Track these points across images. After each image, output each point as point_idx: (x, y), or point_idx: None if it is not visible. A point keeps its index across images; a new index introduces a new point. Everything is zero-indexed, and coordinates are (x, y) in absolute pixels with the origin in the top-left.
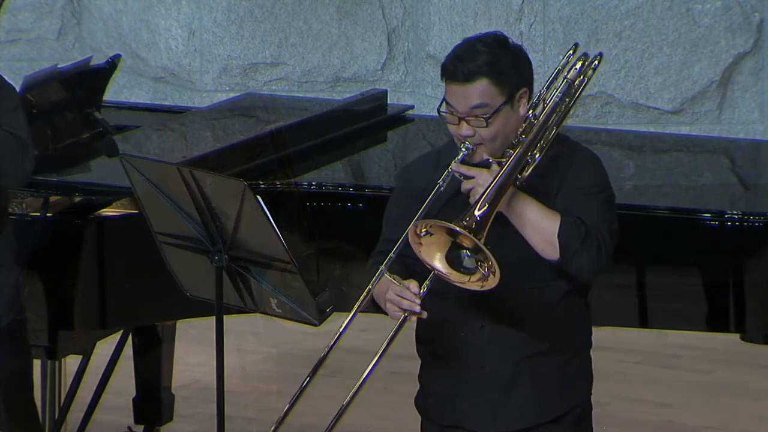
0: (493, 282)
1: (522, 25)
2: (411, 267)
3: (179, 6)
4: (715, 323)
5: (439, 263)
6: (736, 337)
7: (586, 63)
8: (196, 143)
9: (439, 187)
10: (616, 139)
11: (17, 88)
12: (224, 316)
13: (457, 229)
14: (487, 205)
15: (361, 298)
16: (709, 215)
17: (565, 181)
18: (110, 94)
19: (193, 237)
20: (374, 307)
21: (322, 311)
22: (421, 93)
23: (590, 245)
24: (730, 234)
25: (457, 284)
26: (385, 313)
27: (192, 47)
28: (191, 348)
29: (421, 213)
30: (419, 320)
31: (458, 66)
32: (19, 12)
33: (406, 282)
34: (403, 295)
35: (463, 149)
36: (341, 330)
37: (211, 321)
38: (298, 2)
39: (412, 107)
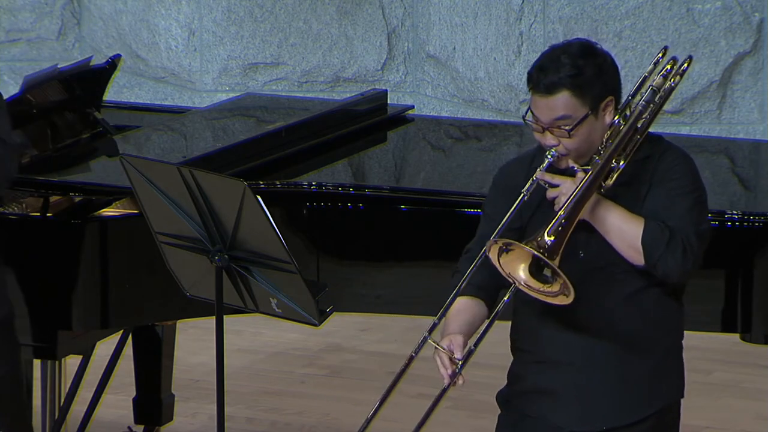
0: (566, 300)
1: (522, 25)
2: (497, 275)
3: (179, 6)
4: (715, 323)
5: (522, 274)
6: (736, 337)
7: (674, 67)
8: (196, 143)
9: (523, 196)
10: None
11: (18, 88)
12: (224, 316)
13: (532, 251)
14: (561, 226)
15: (431, 324)
16: (709, 215)
17: (653, 181)
18: (110, 94)
19: (193, 237)
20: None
21: (322, 311)
22: (421, 93)
23: (675, 248)
24: (730, 234)
25: (536, 296)
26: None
27: (192, 47)
28: (191, 348)
29: (502, 225)
30: (514, 316)
31: (540, 77)
32: (19, 12)
33: (451, 344)
34: (443, 363)
35: (549, 156)
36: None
37: (211, 321)
38: (298, 2)
39: (412, 107)
